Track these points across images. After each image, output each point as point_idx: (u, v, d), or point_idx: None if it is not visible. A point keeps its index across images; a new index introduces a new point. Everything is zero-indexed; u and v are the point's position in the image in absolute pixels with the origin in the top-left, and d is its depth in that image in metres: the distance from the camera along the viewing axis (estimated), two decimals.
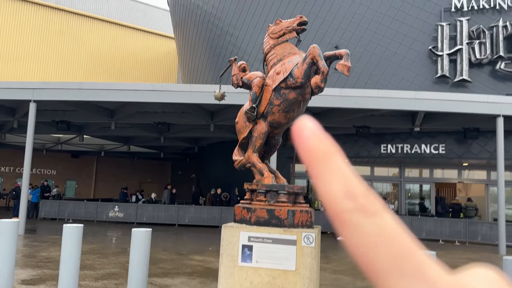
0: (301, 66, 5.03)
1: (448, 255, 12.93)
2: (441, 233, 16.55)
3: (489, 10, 18.07)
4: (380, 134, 18.94)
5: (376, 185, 22.68)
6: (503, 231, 14.27)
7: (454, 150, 18.12)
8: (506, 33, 17.52)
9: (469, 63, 17.82)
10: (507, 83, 17.69)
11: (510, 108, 14.69)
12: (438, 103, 14.60)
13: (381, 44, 19.04)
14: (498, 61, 17.58)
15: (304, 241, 4.80)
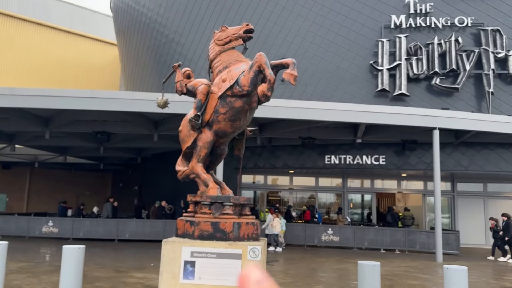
0: (247, 74, 4.88)
1: (389, 264, 13.28)
2: (382, 242, 17.03)
3: (425, 28, 19.16)
4: (325, 145, 19.31)
5: (320, 195, 23.08)
6: (440, 239, 14.93)
7: (393, 162, 18.85)
8: (440, 50, 18.63)
9: (408, 78, 18.72)
10: (442, 98, 18.76)
11: (445, 121, 15.52)
12: (378, 115, 15.12)
13: (325, 58, 19.53)
14: (434, 77, 18.62)
15: (250, 255, 4.59)
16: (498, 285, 10.30)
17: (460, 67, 18.48)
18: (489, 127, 15.94)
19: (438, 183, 15.24)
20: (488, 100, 18.29)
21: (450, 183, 21.34)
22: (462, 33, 18.85)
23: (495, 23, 18.74)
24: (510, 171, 18.60)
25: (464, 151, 18.61)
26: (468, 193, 21.16)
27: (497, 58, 18.44)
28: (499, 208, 21.04)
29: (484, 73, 18.38)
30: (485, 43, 18.51)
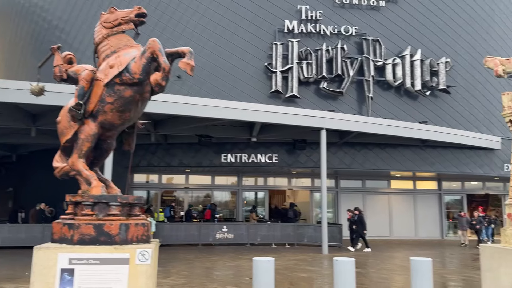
0: (139, 61, 4.49)
1: (280, 258, 13.72)
2: (273, 237, 17.59)
3: (315, 34, 20.28)
4: (221, 143, 19.30)
5: (216, 194, 23.06)
6: (325, 232, 15.91)
7: (285, 160, 19.60)
8: (328, 56, 19.88)
9: (299, 81, 19.62)
10: (328, 101, 20.04)
11: (332, 122, 16.60)
12: (272, 115, 15.58)
13: (222, 56, 19.52)
14: (322, 81, 19.81)
15: (139, 259, 4.22)
16: (377, 274, 11.24)
17: (344, 72, 19.94)
18: (369, 129, 17.47)
19: (325, 180, 16.23)
20: (368, 104, 20.05)
21: (334, 180, 22.96)
22: (347, 41, 20.37)
23: (376, 33, 20.63)
24: (385, 169, 20.65)
25: (347, 151, 20.15)
26: (350, 189, 23.00)
27: (376, 66, 20.31)
28: (376, 202, 23.30)
29: (365, 79, 20.10)
30: (366, 51, 20.25)
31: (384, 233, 23.00)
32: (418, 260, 5.56)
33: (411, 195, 23.79)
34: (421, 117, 20.74)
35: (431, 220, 23.37)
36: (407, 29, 20.98)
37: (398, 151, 20.68)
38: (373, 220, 22.95)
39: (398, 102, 20.85)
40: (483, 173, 21.80)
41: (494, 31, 22.55)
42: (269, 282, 5.01)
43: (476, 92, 21.81)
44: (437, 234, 23.45)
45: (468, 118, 21.70)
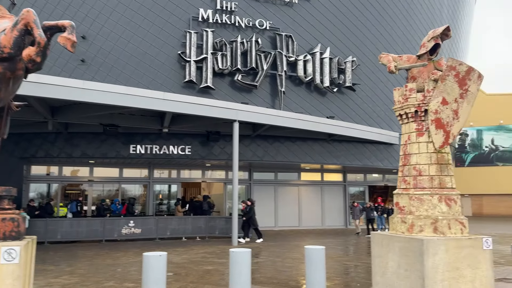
0: (10, 33, 3.91)
1: (188, 251, 13.45)
2: (184, 231, 17.24)
3: (230, 26, 20.15)
4: (130, 134, 18.38)
5: (126, 187, 22.00)
6: (236, 224, 15.95)
7: (198, 152, 19.28)
8: (243, 49, 19.88)
9: (213, 72, 19.36)
10: (243, 93, 20.07)
11: (245, 114, 16.62)
12: (185, 105, 15.15)
13: (132, 41, 18.54)
14: (236, 73, 19.77)
15: (5, 258, 3.70)
16: (282, 263, 11.48)
17: (259, 66, 20.11)
18: (280, 122, 17.82)
19: (236, 172, 16.24)
20: (281, 98, 20.46)
21: (248, 172, 23.19)
22: (261, 35, 20.55)
23: (289, 29, 21.09)
24: (295, 162, 21.29)
25: (260, 143, 20.41)
26: (262, 181, 23.40)
27: (288, 61, 20.78)
28: (287, 193, 24.00)
29: (278, 73, 20.48)
30: (279, 46, 20.62)
31: (294, 223, 23.83)
32: (312, 249, 5.67)
33: (319, 187, 24.91)
34: (329, 112, 21.71)
35: (336, 210, 24.69)
36: (318, 27, 21.75)
37: (307, 144, 21.45)
38: (284, 211, 23.68)
39: (308, 97, 21.58)
40: (383, 166, 23.53)
41: (396, 34, 24.31)
42: (160, 279, 4.75)
43: (378, 91, 23.38)
44: (342, 223, 24.88)
45: (370, 114, 23.20)
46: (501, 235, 21.17)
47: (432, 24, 26.00)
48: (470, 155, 46.94)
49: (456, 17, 29.90)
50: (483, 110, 46.11)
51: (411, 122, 6.73)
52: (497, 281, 8.97)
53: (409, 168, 6.66)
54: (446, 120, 6.40)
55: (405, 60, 7.06)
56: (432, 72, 6.60)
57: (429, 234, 6.19)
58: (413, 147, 6.63)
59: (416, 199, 6.40)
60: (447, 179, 6.46)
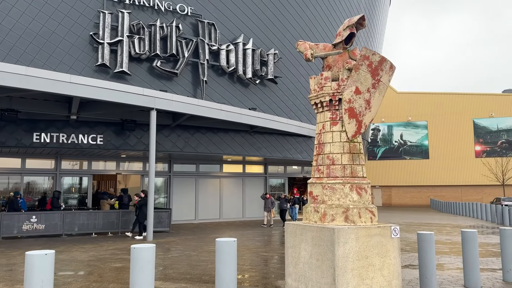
0: None
1: (96, 248, 12.49)
2: (94, 226, 16.06)
3: (149, 8, 19.08)
4: (33, 120, 16.65)
5: (29, 178, 20.02)
6: (151, 218, 15.18)
7: (112, 142, 18.07)
8: (162, 33, 18.95)
9: (129, 56, 18.21)
10: (162, 81, 19.17)
11: (163, 103, 15.79)
12: (94, 90, 13.98)
13: (37, 19, 16.76)
14: (155, 59, 18.80)
15: None
16: (198, 257, 11.06)
17: (179, 53, 19.34)
18: (201, 112, 17.24)
19: (153, 163, 15.43)
20: (202, 87, 19.90)
21: (168, 164, 22.35)
22: (182, 21, 19.77)
23: (212, 17, 20.54)
24: (217, 153, 20.90)
25: (180, 134, 19.70)
26: (183, 173, 22.71)
27: (211, 50, 20.26)
28: (208, 185, 23.56)
29: (200, 62, 19.87)
30: (202, 34, 20.00)
31: (215, 216, 23.49)
32: (223, 241, 5.33)
33: (241, 179, 24.81)
34: (251, 104, 21.62)
35: (257, 202, 24.77)
36: (241, 17, 21.47)
37: (229, 136, 21.17)
38: (205, 203, 23.23)
39: (231, 88, 21.27)
40: (302, 158, 24.04)
41: (316, 29, 24.87)
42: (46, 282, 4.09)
43: (299, 84, 23.78)
44: (262, 215, 25.04)
45: (291, 107, 23.55)
46: (407, 223, 22.74)
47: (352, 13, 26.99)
48: (381, 149, 50.15)
49: (372, 14, 31.47)
50: (394, 107, 49.51)
51: (326, 111, 6.65)
52: (403, 267, 9.40)
53: (322, 157, 6.58)
54: (359, 109, 6.40)
55: (321, 48, 6.97)
56: (347, 61, 6.56)
57: (340, 223, 6.16)
58: (327, 136, 6.56)
59: (328, 188, 6.34)
60: (359, 168, 6.49)
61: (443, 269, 9.24)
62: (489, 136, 47.12)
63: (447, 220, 24.89)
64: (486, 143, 47.13)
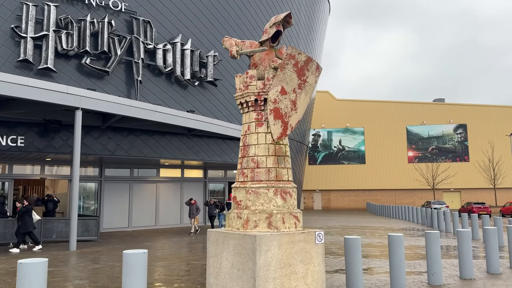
0: None
1: (10, 259, 11.28)
2: (12, 236, 14.60)
3: (79, 2, 17.91)
4: None
5: None
6: (75, 226, 14.08)
7: (34, 144, 16.66)
8: (93, 29, 17.85)
9: (56, 52, 16.96)
10: (92, 79, 18.04)
11: (90, 102, 14.76)
12: (11, 87, 12.75)
13: None
14: (85, 56, 17.66)
15: None
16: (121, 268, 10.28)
17: (112, 50, 18.33)
18: (133, 113, 16.34)
19: (77, 167, 14.34)
20: (137, 87, 19.00)
21: (99, 168, 21.09)
22: (116, 17, 18.78)
23: (147, 15, 19.71)
24: (152, 157, 20.02)
25: (112, 136, 18.63)
26: (116, 178, 21.53)
27: (146, 49, 19.42)
28: (144, 191, 22.54)
29: (134, 61, 18.97)
30: (136, 32, 19.12)
31: (150, 223, 22.51)
32: (130, 254, 4.79)
33: (179, 184, 24.02)
34: (190, 106, 21.00)
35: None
36: (179, 16, 20.84)
37: (166, 139, 20.38)
38: (139, 210, 22.17)
39: (168, 89, 20.52)
40: None
41: (257, 33, 24.78)
42: None
43: None
44: (201, 221, 24.38)
45: (231, 111, 23.21)
46: (343, 226, 23.15)
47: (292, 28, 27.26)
48: (322, 154, 51.29)
49: (312, 20, 32.03)
50: (333, 114, 50.91)
51: (251, 111, 6.32)
52: (333, 272, 9.29)
53: (247, 160, 6.23)
54: (285, 110, 6.13)
55: (247, 45, 6.65)
56: (273, 59, 6.28)
57: (263, 230, 5.83)
58: (252, 138, 6.22)
59: (252, 193, 5.99)
60: (284, 172, 6.21)
61: (372, 273, 9.24)
62: (421, 142, 49.78)
63: (380, 223, 25.70)
64: (418, 149, 49.74)
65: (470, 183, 47.90)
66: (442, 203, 34.43)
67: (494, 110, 49.68)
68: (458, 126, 49.43)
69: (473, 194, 47.75)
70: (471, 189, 48.13)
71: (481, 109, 49.82)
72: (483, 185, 46.23)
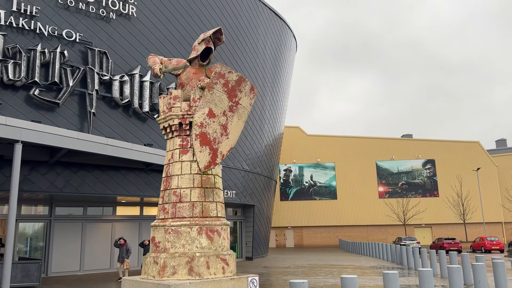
0: None
1: None
2: None
3: (29, 32, 17.08)
4: None
5: None
6: (8, 270, 12.57)
7: None
8: (43, 59, 16.97)
9: (1, 83, 15.91)
10: (41, 111, 16.97)
11: (32, 135, 13.65)
12: None
13: None
14: (33, 87, 16.66)
15: None
16: None
17: (63, 81, 17.41)
18: (82, 147, 15.26)
19: (14, 205, 12.97)
20: (90, 120, 17.99)
21: (49, 207, 19.56)
22: (69, 47, 18.00)
23: (104, 45, 19.02)
24: (106, 194, 18.75)
25: (61, 172, 17.38)
26: (67, 217, 20.00)
27: (102, 80, 18.59)
28: (98, 231, 20.99)
29: (88, 92, 18.07)
30: (91, 62, 18.34)
31: (105, 265, 20.83)
32: None
33: (137, 222, 22.58)
34: (148, 139, 20.05)
35: None
36: (138, 47, 20.24)
37: (121, 174, 19.21)
38: (93, 251, 20.54)
39: (125, 122, 19.58)
40: None
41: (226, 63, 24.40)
42: None
43: None
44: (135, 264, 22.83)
45: None
46: (311, 265, 22.09)
47: (258, 58, 27.13)
48: (293, 189, 50.55)
49: (278, 56, 32.09)
50: (304, 149, 50.70)
51: (175, 137, 5.53)
52: None
53: (169, 193, 5.37)
54: (213, 135, 5.36)
55: (174, 64, 5.93)
56: (200, 78, 5.57)
57: (182, 277, 4.89)
58: (176, 167, 5.39)
59: (172, 232, 5.09)
60: (212, 206, 5.35)
61: None
62: (390, 177, 49.86)
63: (350, 261, 24.76)
64: (388, 184, 49.72)
65: (441, 218, 47.87)
66: (413, 239, 33.89)
67: (461, 145, 50.63)
68: (426, 161, 49.94)
69: (443, 229, 47.64)
70: (442, 224, 48.06)
71: (448, 144, 50.69)
72: (453, 220, 46.24)
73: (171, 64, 5.92)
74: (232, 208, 27.95)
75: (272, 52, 30.38)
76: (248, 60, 26.72)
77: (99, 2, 19.16)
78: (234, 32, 25.70)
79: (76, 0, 18.44)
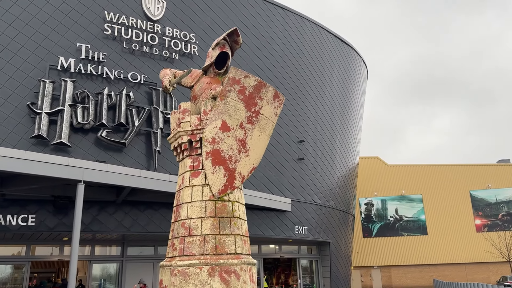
0: None
1: None
2: None
3: (97, 77, 17.93)
4: None
5: None
6: None
7: (46, 222, 15.78)
8: (110, 102, 17.59)
9: (71, 127, 16.65)
10: (109, 152, 17.38)
11: (94, 174, 13.86)
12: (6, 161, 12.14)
13: None
14: (101, 129, 17.22)
15: None
16: None
17: (129, 122, 17.82)
18: (145, 185, 15.23)
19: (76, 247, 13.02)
20: (155, 158, 18.09)
21: (121, 247, 19.73)
22: (134, 89, 18.54)
23: None
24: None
25: (128, 211, 17.48)
26: (138, 257, 19.99)
27: (166, 118, 18.79)
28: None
29: (153, 131, 18.29)
30: (156, 102, 18.68)
31: None
32: None
33: None
34: None
35: None
36: None
37: None
38: None
39: None
40: (275, 235, 21.45)
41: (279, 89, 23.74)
42: None
43: (268, 154, 21.98)
44: None
45: (261, 179, 21.51)
46: None
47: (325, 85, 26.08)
48: (377, 225, 47.02)
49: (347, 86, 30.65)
50: (386, 181, 47.34)
51: (186, 157, 4.65)
52: None
53: (178, 225, 4.44)
54: (228, 153, 4.40)
55: (192, 75, 5.16)
56: (211, 87, 4.70)
57: None
58: (185, 194, 4.48)
59: (179, 274, 4.11)
60: (229, 241, 4.30)
61: None
62: (488, 208, 44.31)
63: None
64: (486, 216, 44.16)
65: None
66: None
67: None
68: None
69: None
70: None
71: None
72: None
73: (180, 75, 5.16)
74: (306, 246, 26.28)
75: (340, 79, 29.13)
76: (313, 88, 25.74)
77: (162, 44, 19.76)
78: (297, 60, 25.09)
79: (140, 44, 19.17)
